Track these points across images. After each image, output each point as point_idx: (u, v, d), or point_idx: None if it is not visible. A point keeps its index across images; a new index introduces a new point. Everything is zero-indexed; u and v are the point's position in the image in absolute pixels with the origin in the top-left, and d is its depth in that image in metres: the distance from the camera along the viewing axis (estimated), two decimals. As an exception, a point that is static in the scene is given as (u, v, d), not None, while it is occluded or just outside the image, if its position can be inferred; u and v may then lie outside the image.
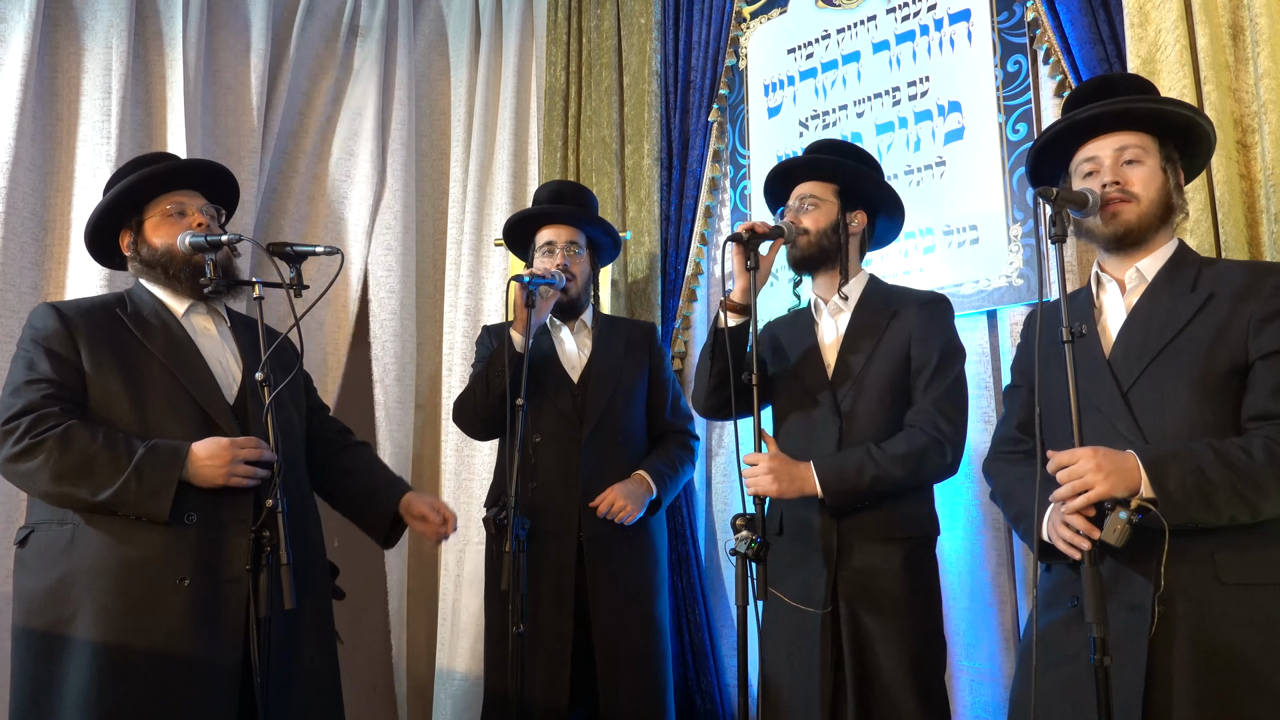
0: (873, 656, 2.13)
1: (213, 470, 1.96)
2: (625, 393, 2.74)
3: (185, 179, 2.23)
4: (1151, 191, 1.85)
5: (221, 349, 2.19)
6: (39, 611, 1.92)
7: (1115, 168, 1.87)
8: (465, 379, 3.65)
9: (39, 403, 1.95)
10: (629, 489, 2.61)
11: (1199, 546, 1.64)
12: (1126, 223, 1.84)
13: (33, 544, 1.99)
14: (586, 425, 2.66)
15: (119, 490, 1.89)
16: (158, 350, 2.07)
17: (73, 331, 2.03)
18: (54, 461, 1.90)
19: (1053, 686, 1.73)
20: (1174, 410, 1.73)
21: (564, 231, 2.77)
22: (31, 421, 1.92)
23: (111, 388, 2.01)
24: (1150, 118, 1.88)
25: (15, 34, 3.26)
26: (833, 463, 2.18)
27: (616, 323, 2.92)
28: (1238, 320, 1.73)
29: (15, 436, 1.92)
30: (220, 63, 3.65)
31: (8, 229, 3.14)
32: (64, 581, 1.92)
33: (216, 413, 2.06)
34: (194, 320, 2.19)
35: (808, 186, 2.42)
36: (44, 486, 1.92)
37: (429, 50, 4.12)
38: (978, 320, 2.83)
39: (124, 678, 1.88)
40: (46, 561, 1.95)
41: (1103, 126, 1.90)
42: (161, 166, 2.20)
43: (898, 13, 3.10)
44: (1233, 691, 1.58)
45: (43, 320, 2.05)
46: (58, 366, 1.99)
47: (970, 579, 2.73)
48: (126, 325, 2.09)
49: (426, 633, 3.70)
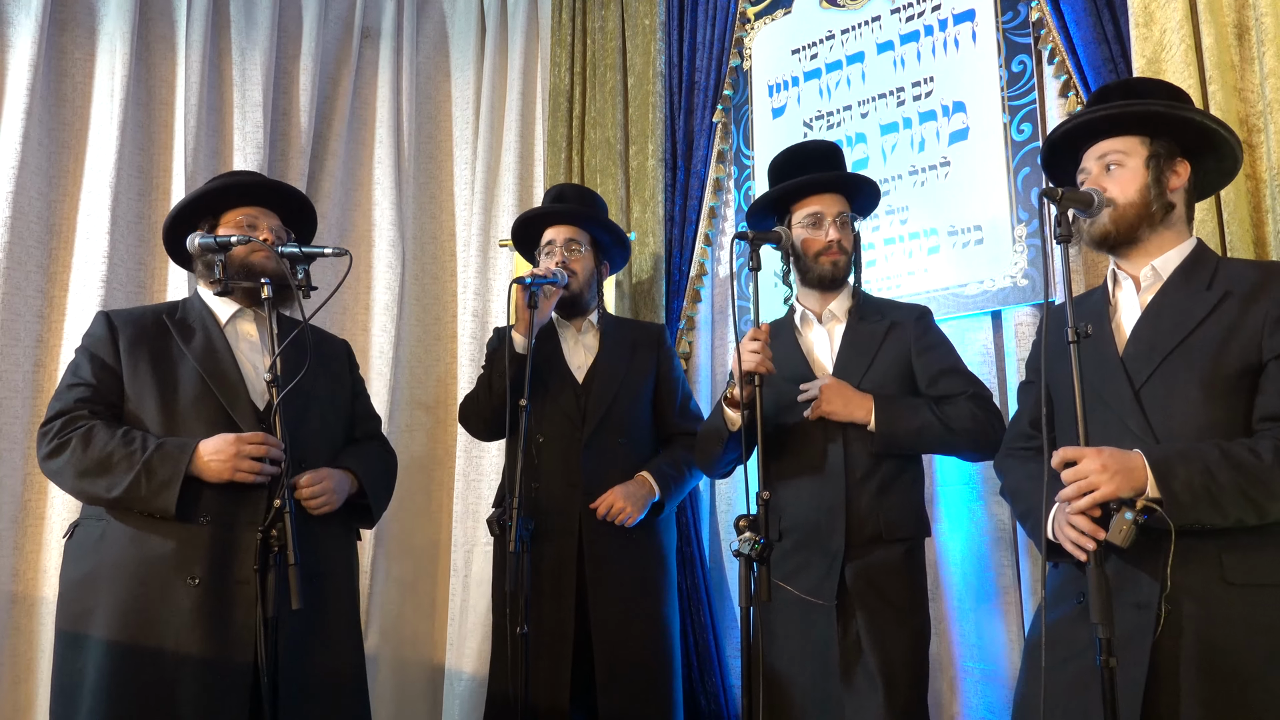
0: (888, 649, 2.15)
1: (218, 464, 2.02)
2: (630, 393, 2.74)
3: (266, 197, 2.33)
4: (1130, 193, 1.86)
5: (261, 354, 2.25)
6: (69, 604, 2.04)
7: (1099, 176, 1.90)
8: (472, 380, 3.68)
9: (72, 406, 2.09)
10: (630, 491, 2.61)
11: (1206, 547, 1.64)
12: (1103, 227, 1.87)
13: (76, 538, 2.11)
14: (588, 425, 2.66)
15: (130, 486, 1.99)
16: (193, 355, 2.17)
17: (116, 337, 2.17)
18: (75, 459, 2.03)
19: (1057, 684, 1.73)
20: (1185, 409, 1.72)
21: (564, 230, 2.78)
22: (63, 424, 2.07)
23: (144, 391, 2.13)
24: (1136, 121, 1.88)
25: (22, 39, 3.27)
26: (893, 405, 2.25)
27: (624, 324, 2.93)
28: (1252, 320, 1.72)
29: (49, 437, 2.06)
30: (225, 65, 3.66)
31: (13, 234, 3.16)
32: (90, 576, 2.03)
33: (241, 416, 2.12)
34: (238, 326, 2.27)
35: (838, 203, 2.42)
36: (69, 483, 2.06)
37: (433, 52, 4.13)
38: (982, 321, 2.83)
39: (133, 673, 1.94)
40: (80, 555, 2.07)
41: (1088, 135, 1.93)
42: (241, 179, 2.34)
43: (902, 13, 3.10)
44: (1239, 693, 1.58)
45: (95, 327, 2.21)
46: (98, 371, 2.14)
47: (976, 580, 2.73)
48: (169, 330, 2.21)
49: (430, 634, 3.71)
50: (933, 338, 2.38)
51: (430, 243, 4.00)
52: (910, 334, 2.35)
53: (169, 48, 3.57)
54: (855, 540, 2.22)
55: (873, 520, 2.23)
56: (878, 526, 2.22)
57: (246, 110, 3.61)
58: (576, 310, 2.79)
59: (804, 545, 2.27)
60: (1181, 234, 1.89)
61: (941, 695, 2.74)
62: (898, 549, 2.23)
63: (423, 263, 3.96)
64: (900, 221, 3.00)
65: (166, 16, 3.58)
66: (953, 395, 2.28)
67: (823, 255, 2.37)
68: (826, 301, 2.43)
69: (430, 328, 3.93)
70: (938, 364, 2.33)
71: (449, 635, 3.56)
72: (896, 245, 3.01)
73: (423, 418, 3.85)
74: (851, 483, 2.25)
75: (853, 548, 2.22)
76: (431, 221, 4.02)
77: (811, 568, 2.24)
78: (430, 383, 3.90)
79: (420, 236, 3.97)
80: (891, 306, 2.45)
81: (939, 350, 2.36)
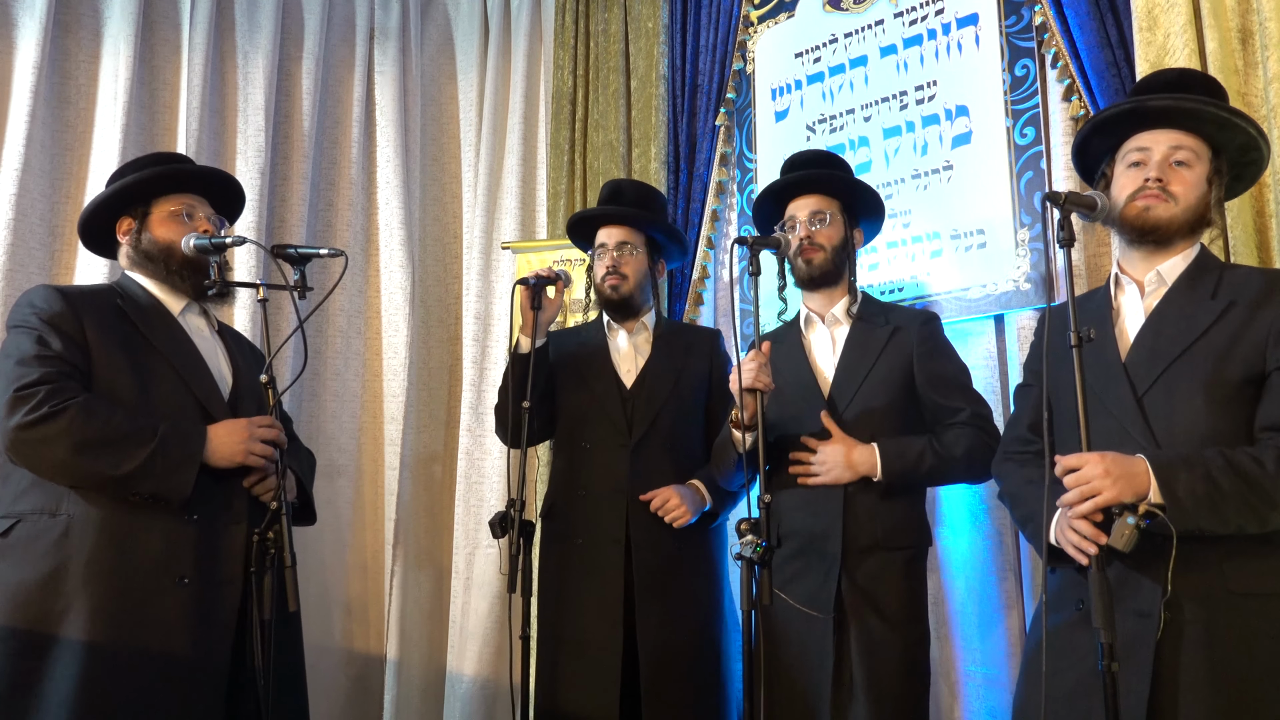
0: (877, 662, 2.14)
1: (230, 447, 1.99)
2: (680, 400, 2.65)
3: (199, 185, 2.26)
4: (1191, 198, 1.83)
5: (214, 351, 2.22)
6: (24, 605, 1.86)
7: (1163, 165, 1.84)
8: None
9: (55, 375, 1.91)
10: (684, 492, 2.52)
11: (1208, 554, 1.63)
12: (1156, 219, 1.82)
13: (19, 534, 1.92)
14: (635, 432, 2.58)
15: (144, 463, 1.88)
16: (161, 345, 2.08)
17: (79, 315, 2.00)
18: (76, 429, 1.86)
19: (1057, 691, 1.72)
20: (1187, 416, 1.71)
21: (616, 232, 2.71)
22: (50, 391, 1.88)
23: (117, 377, 2.00)
24: (1216, 125, 1.84)
25: (26, 41, 3.28)
26: (895, 447, 2.24)
27: (679, 328, 2.85)
28: (1256, 329, 1.71)
29: (33, 403, 1.86)
30: (228, 68, 3.67)
31: (16, 235, 3.17)
32: (55, 575, 1.87)
33: (217, 411, 2.08)
34: (189, 320, 2.21)
35: (816, 202, 2.43)
36: (62, 455, 1.87)
37: (437, 54, 4.13)
38: (985, 324, 2.82)
39: (116, 676, 1.85)
40: (35, 554, 1.89)
41: (1164, 120, 1.86)
42: (181, 168, 2.25)
43: (905, 17, 3.09)
44: (1241, 702, 1.57)
45: (46, 301, 2.01)
46: (68, 345, 1.96)
47: (978, 584, 2.72)
48: (128, 316, 2.08)
49: (431, 636, 3.71)
50: (936, 344, 2.37)
51: (434, 244, 4.01)
52: (914, 339, 2.34)
53: (172, 50, 3.58)
54: (852, 548, 2.21)
55: (871, 528, 2.22)
56: (876, 534, 2.22)
57: (249, 113, 3.62)
58: (629, 312, 2.71)
59: (802, 552, 2.26)
60: (1194, 241, 1.87)
61: (943, 699, 2.73)
62: (897, 557, 2.22)
63: (427, 264, 3.96)
64: (903, 225, 3.00)
65: (170, 19, 3.59)
66: (951, 415, 2.28)
67: (799, 254, 2.39)
68: (828, 303, 2.43)
69: (434, 329, 3.94)
70: (939, 373, 2.33)
71: (450, 638, 3.56)
72: (899, 249, 3.00)
73: (426, 419, 3.85)
74: (850, 490, 2.24)
75: (850, 555, 2.21)
76: (435, 224, 4.03)
77: (809, 574, 2.24)
78: (434, 384, 3.90)
79: (425, 238, 3.97)
80: (897, 311, 2.45)
81: (941, 359, 2.35)
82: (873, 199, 2.51)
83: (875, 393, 2.30)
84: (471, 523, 3.59)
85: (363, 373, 3.78)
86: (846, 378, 2.32)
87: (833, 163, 2.52)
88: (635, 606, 2.48)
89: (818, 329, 2.44)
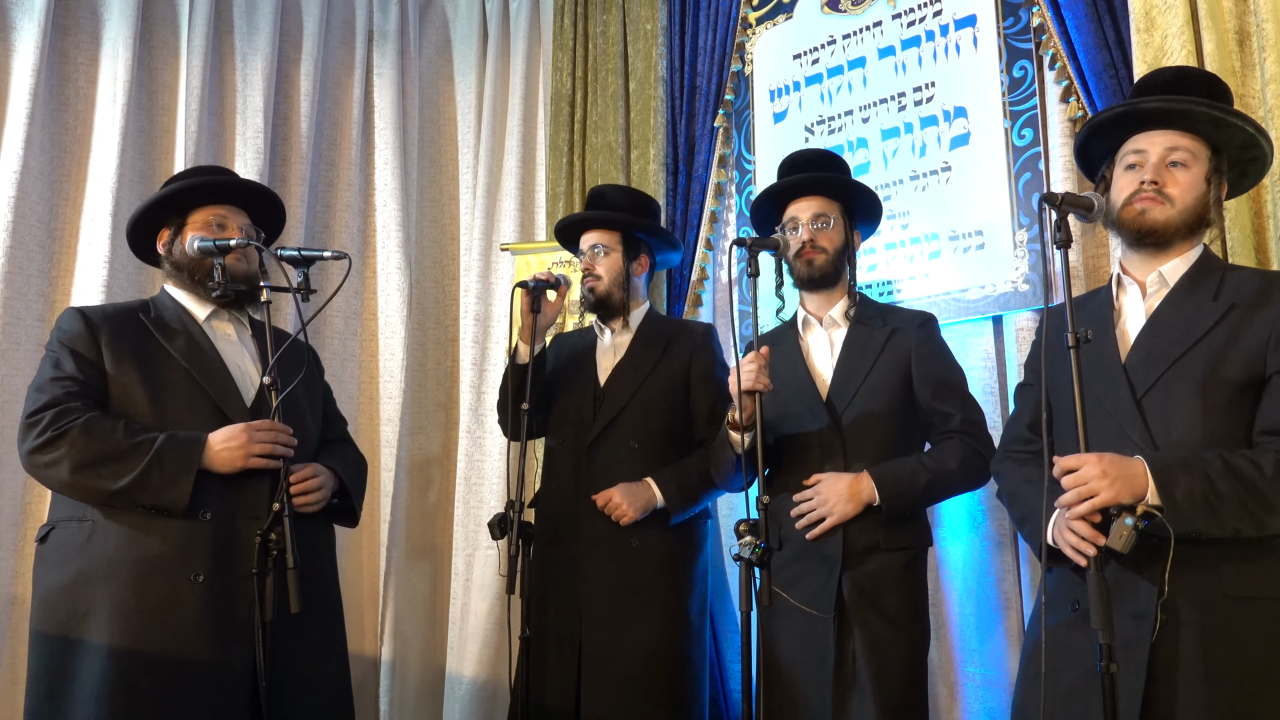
0: (883, 659, 2.15)
1: (230, 454, 2.01)
2: (651, 394, 2.64)
3: (237, 197, 2.31)
4: (1188, 200, 1.82)
5: (241, 354, 2.25)
6: (55, 608, 1.95)
7: (1159, 167, 1.84)
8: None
9: (62, 398, 2.01)
10: (630, 490, 2.53)
11: (1204, 557, 1.63)
12: (1153, 221, 1.82)
13: (53, 540, 2.02)
14: (596, 427, 2.62)
15: (139, 476, 1.94)
16: (178, 353, 2.13)
17: (96, 333, 2.10)
18: (76, 451, 1.94)
19: (1054, 691, 1.72)
20: (1186, 419, 1.71)
21: (590, 235, 2.79)
22: (55, 415, 1.98)
23: (131, 388, 2.07)
24: (1211, 124, 1.84)
25: (25, 43, 3.28)
26: (889, 472, 2.22)
27: (665, 324, 2.84)
28: (1256, 333, 1.71)
29: (39, 429, 1.96)
30: (227, 70, 3.67)
31: (15, 238, 3.16)
32: (80, 578, 1.96)
33: (234, 414, 2.11)
34: (215, 325, 2.25)
35: (818, 204, 2.43)
36: (64, 477, 1.95)
37: (436, 56, 4.13)
38: (983, 326, 2.82)
39: (137, 674, 1.89)
40: (64, 557, 1.98)
41: (1160, 121, 1.86)
42: (213, 179, 2.30)
43: (903, 18, 3.10)
44: (1237, 704, 1.58)
45: (69, 323, 2.12)
46: (81, 366, 2.06)
47: (976, 585, 2.72)
48: (149, 329, 2.16)
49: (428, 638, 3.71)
50: (933, 346, 2.38)
51: (432, 246, 4.01)
52: (911, 341, 2.35)
53: (171, 53, 3.58)
54: (853, 549, 2.22)
55: (871, 529, 2.22)
56: (875, 536, 2.22)
57: (247, 115, 3.62)
58: (610, 312, 2.75)
59: (803, 554, 2.26)
60: (1195, 242, 1.87)
61: (941, 700, 2.73)
62: (898, 558, 2.23)
63: (425, 266, 3.96)
64: (901, 226, 3.00)
65: (169, 21, 3.59)
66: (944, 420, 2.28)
67: (799, 255, 2.39)
68: (826, 304, 2.43)
69: (432, 331, 3.93)
70: (936, 374, 2.33)
71: (450, 639, 3.56)
72: (898, 250, 3.00)
73: (424, 421, 3.85)
74: None
75: (850, 556, 2.21)
76: (433, 226, 4.03)
77: (809, 576, 2.24)
78: (432, 386, 3.90)
79: (423, 240, 3.97)
80: (894, 313, 2.45)
81: (937, 360, 2.36)
82: (873, 202, 2.52)
83: (874, 395, 2.31)
84: (471, 524, 3.59)
85: (359, 374, 3.78)
86: (845, 380, 2.33)
87: (832, 163, 2.53)
88: (581, 608, 2.52)
89: (815, 331, 2.45)
